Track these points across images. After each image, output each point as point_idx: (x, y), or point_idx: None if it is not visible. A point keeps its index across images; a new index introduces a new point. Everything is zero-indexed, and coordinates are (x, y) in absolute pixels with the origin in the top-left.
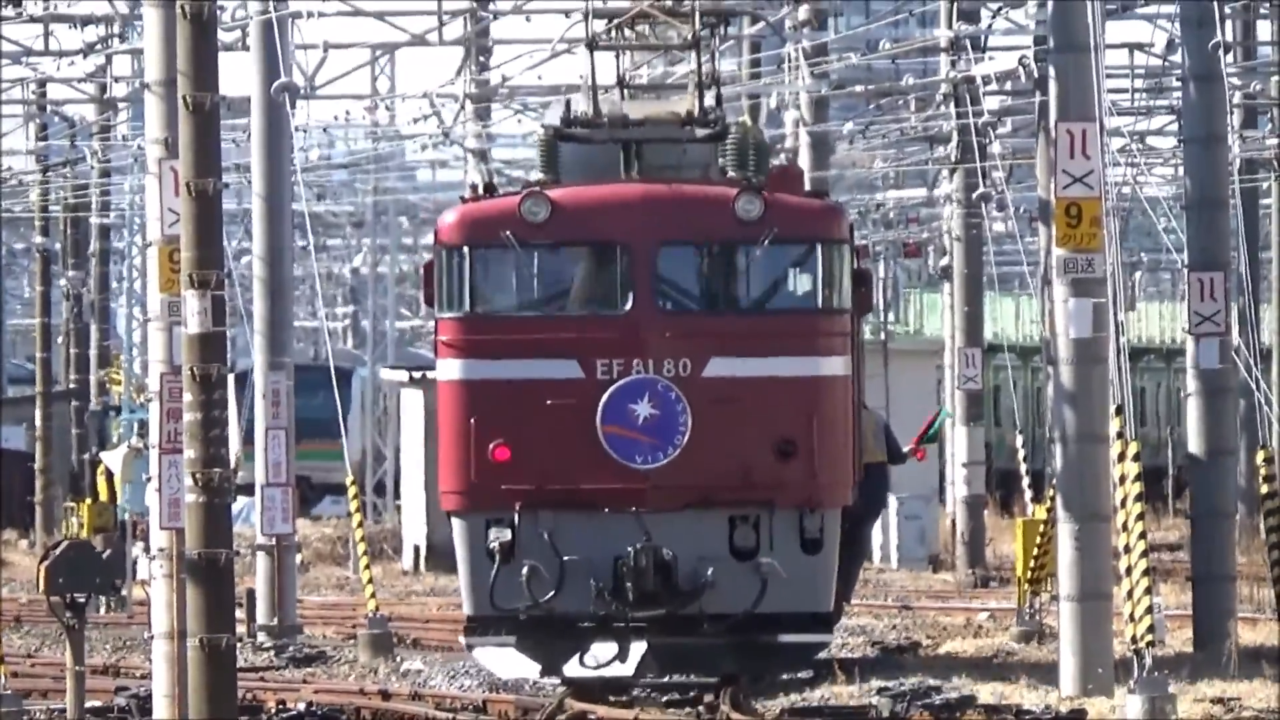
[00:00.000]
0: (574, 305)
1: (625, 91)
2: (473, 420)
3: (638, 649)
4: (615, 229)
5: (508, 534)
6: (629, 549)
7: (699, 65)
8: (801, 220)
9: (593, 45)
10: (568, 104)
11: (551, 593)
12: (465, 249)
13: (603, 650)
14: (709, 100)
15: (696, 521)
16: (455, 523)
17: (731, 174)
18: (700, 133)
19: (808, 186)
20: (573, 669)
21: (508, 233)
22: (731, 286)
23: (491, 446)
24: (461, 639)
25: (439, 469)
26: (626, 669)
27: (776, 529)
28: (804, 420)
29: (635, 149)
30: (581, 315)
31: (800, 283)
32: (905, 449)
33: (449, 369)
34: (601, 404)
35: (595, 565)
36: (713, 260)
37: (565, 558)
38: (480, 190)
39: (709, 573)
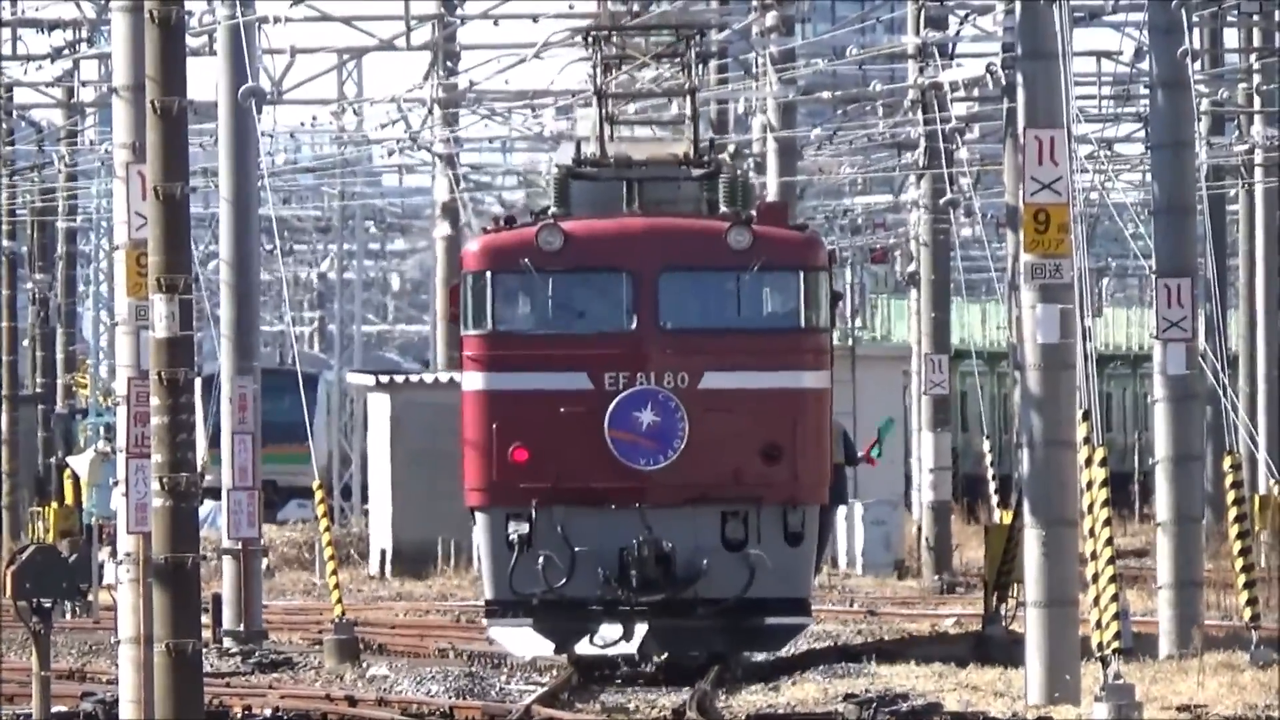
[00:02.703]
0: (584, 324)
1: (613, 128)
2: (494, 426)
3: (640, 630)
4: (622, 257)
5: (525, 527)
6: (633, 541)
7: (694, 111)
8: (786, 250)
9: (602, 94)
10: (578, 146)
11: (564, 579)
12: (488, 274)
13: (610, 631)
14: (701, 139)
15: (692, 516)
16: (479, 517)
17: (723, 208)
18: (696, 172)
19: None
20: (583, 648)
21: (525, 260)
22: (724, 308)
23: (511, 449)
24: (483, 620)
25: (464, 469)
26: (631, 648)
27: (763, 523)
28: (788, 427)
29: (637, 186)
30: (591, 333)
31: (785, 305)
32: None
33: (474, 380)
34: (609, 412)
35: (603, 555)
36: (708, 285)
37: (576, 548)
38: (501, 221)
39: (704, 562)
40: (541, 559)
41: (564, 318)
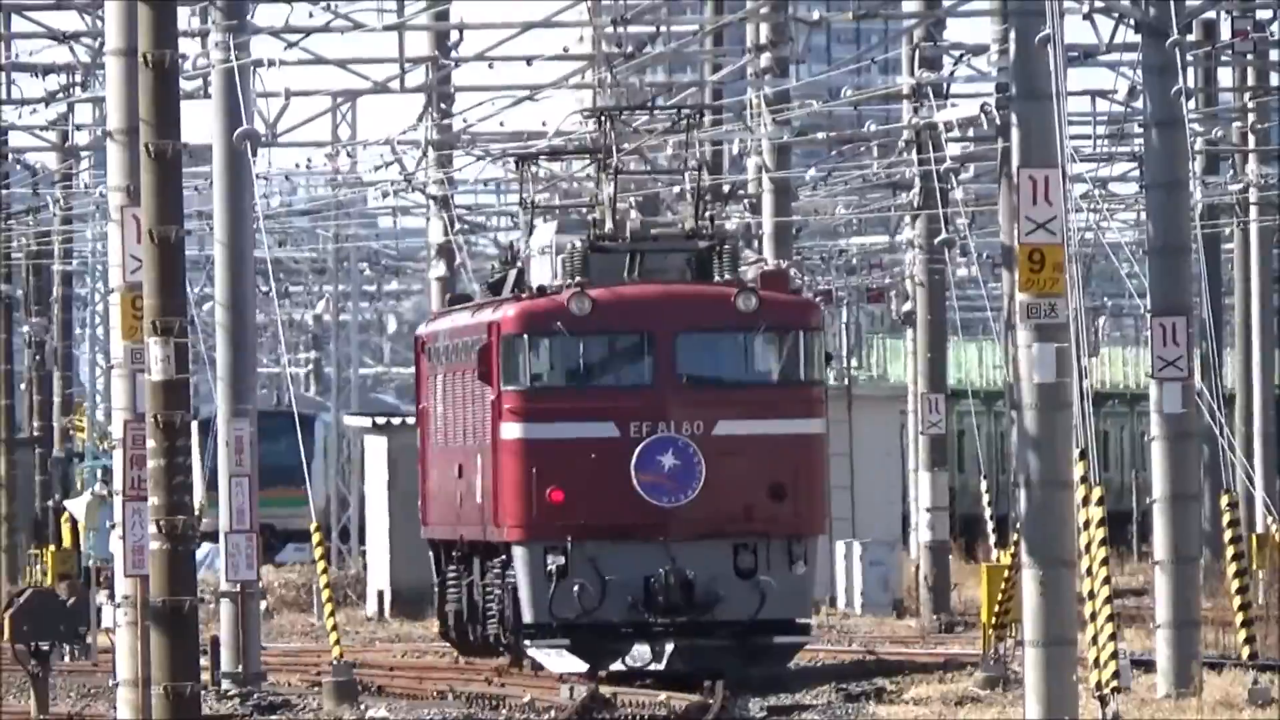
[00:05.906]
0: (611, 379)
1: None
2: (533, 470)
3: (668, 649)
4: (643, 320)
5: (562, 559)
6: (658, 570)
7: (698, 187)
8: (788, 313)
9: (617, 171)
10: (593, 223)
11: (596, 605)
12: (525, 337)
13: (640, 651)
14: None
15: (710, 548)
16: (518, 550)
17: (726, 275)
18: (701, 244)
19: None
20: (617, 667)
21: (559, 323)
22: (734, 364)
23: (548, 490)
24: (525, 642)
25: (503, 509)
26: (659, 666)
27: (771, 554)
28: (791, 469)
29: (648, 257)
30: (617, 387)
31: (787, 361)
32: None
33: (513, 430)
34: (634, 457)
35: (631, 583)
36: (719, 344)
37: (607, 577)
38: (534, 289)
39: (720, 589)
40: (576, 587)
41: (593, 374)
